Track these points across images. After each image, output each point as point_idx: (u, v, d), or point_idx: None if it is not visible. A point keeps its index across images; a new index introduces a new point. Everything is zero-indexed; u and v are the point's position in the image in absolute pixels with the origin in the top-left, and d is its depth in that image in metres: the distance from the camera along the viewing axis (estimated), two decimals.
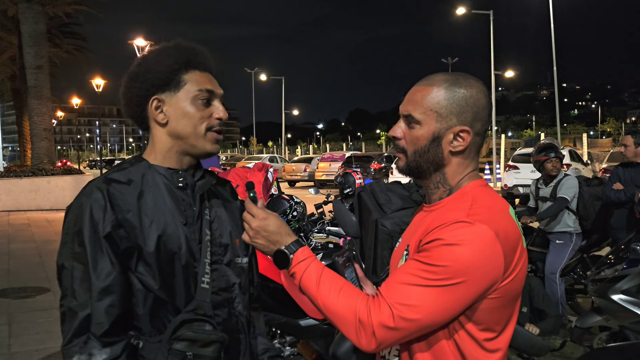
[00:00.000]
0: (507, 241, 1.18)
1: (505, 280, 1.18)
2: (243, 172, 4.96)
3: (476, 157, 1.33)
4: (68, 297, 1.30)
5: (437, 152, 1.28)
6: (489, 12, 25.49)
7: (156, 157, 1.45)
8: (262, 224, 1.30)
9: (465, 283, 1.14)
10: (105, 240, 1.30)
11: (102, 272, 1.29)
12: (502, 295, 1.20)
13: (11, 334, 5.06)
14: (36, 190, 16.16)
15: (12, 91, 29.32)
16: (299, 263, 1.26)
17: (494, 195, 1.29)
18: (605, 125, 59.15)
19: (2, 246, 9.80)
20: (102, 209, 1.32)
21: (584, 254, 5.44)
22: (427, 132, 1.27)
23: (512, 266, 1.19)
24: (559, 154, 5.16)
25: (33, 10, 17.65)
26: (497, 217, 1.21)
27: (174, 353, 1.31)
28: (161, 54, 1.43)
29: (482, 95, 1.28)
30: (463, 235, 1.15)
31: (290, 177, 26.14)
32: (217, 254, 1.46)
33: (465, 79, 1.29)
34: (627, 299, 3.65)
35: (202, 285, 1.40)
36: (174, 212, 1.40)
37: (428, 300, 1.14)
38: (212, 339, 1.34)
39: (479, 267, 1.14)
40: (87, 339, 1.28)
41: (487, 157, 27.09)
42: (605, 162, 16.38)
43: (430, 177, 1.32)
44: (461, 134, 1.26)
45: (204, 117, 1.42)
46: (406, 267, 1.21)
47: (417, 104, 1.28)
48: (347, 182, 6.03)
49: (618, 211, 4.99)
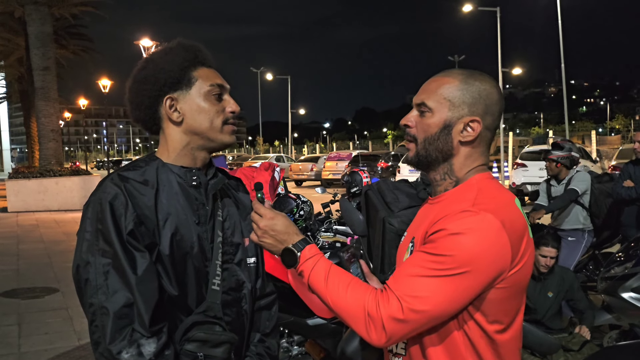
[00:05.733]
0: (514, 230, 1.18)
1: (512, 270, 1.18)
2: (250, 171, 4.96)
3: (486, 152, 1.34)
4: (97, 295, 1.27)
5: (446, 141, 1.29)
6: (495, 8, 25.38)
7: (169, 155, 1.45)
8: (270, 223, 1.31)
9: (472, 272, 1.14)
10: (129, 236, 1.30)
11: (136, 263, 1.28)
12: (509, 285, 1.19)
13: (21, 334, 5.08)
14: (44, 191, 16.24)
15: (20, 93, 29.49)
16: (307, 261, 1.27)
17: (499, 187, 1.30)
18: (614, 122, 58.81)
19: (11, 247, 9.85)
20: (124, 205, 1.31)
21: (596, 251, 5.40)
22: (439, 120, 1.29)
23: (520, 256, 1.20)
24: (555, 154, 5.12)
25: (40, 12, 17.73)
26: (503, 207, 1.21)
27: (185, 353, 1.32)
28: (168, 54, 1.44)
29: (495, 90, 1.31)
30: (468, 225, 1.15)
31: (297, 177, 26.14)
32: (229, 253, 1.47)
33: (481, 74, 1.33)
34: (638, 296, 3.62)
35: (213, 287, 1.40)
36: (187, 211, 1.41)
37: (436, 290, 1.14)
38: (222, 340, 1.35)
39: (486, 255, 1.14)
40: (132, 332, 1.25)
41: (495, 155, 26.97)
42: (614, 159, 16.30)
43: (438, 168, 1.32)
44: (471, 124, 1.28)
45: (219, 111, 1.44)
46: (413, 259, 1.22)
47: (431, 93, 1.31)
48: (354, 180, 6.02)
49: (628, 208, 4.95)
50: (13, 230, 12.13)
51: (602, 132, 49.97)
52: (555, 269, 4.25)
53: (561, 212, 5.17)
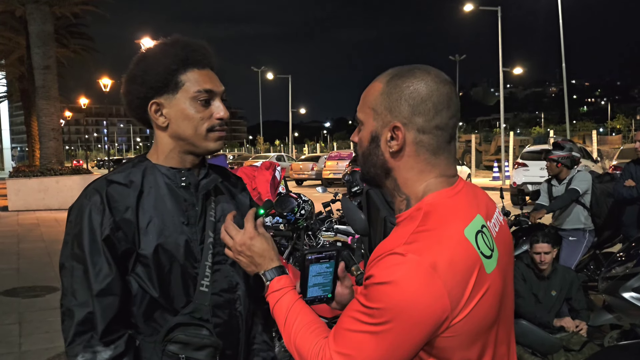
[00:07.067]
0: (452, 271, 1.00)
1: (458, 316, 1.01)
2: (250, 170, 4.96)
3: (436, 160, 1.12)
4: (68, 297, 1.32)
5: (377, 154, 1.14)
6: (496, 8, 25.33)
7: (159, 157, 1.44)
8: (249, 243, 1.28)
9: (402, 326, 0.99)
10: (104, 242, 1.31)
11: (100, 274, 1.30)
12: (457, 334, 1.03)
13: (21, 333, 5.08)
14: (45, 190, 16.25)
15: (21, 92, 29.49)
16: (273, 292, 1.24)
17: (453, 210, 1.08)
18: (614, 122, 58.81)
19: (12, 246, 9.86)
20: (101, 212, 1.32)
21: (597, 251, 5.40)
22: (367, 133, 1.15)
23: (466, 298, 1.01)
24: (555, 154, 5.12)
25: (40, 11, 17.73)
26: (442, 243, 1.02)
27: (168, 354, 1.33)
28: (158, 54, 1.40)
29: (422, 84, 1.09)
30: (394, 272, 1.00)
31: (298, 176, 26.13)
32: (221, 254, 1.44)
33: (410, 70, 1.12)
34: (639, 296, 3.61)
35: (201, 288, 1.39)
36: (174, 212, 1.40)
37: (366, 348, 1.02)
38: (205, 344, 1.34)
39: (414, 307, 0.98)
40: (91, 338, 1.29)
41: (495, 155, 26.95)
42: (615, 159, 16.26)
43: (386, 183, 1.17)
44: (395, 130, 1.10)
45: (204, 117, 1.40)
46: (351, 306, 1.09)
47: (361, 104, 1.17)
48: (355, 180, 6.00)
49: (629, 208, 4.95)
50: (14, 229, 12.14)
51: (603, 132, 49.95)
52: (558, 269, 4.27)
53: (562, 212, 5.17)
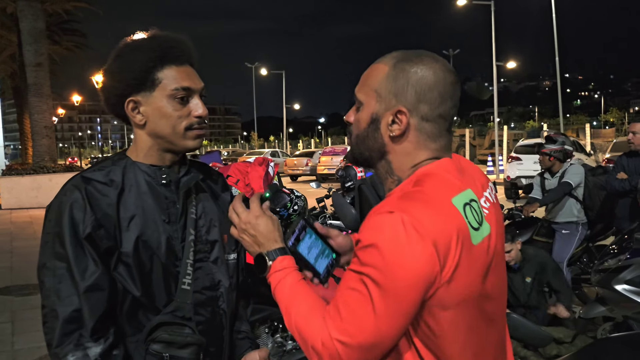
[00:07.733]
0: (439, 230, 1.00)
1: (445, 277, 1.01)
2: (244, 166, 4.94)
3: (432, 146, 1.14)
4: (51, 297, 1.29)
5: (376, 137, 1.15)
6: (489, 2, 25.33)
7: (138, 154, 1.42)
8: (254, 222, 1.24)
9: (394, 286, 0.99)
10: (86, 240, 1.29)
11: (87, 271, 1.28)
12: (451, 302, 1.03)
13: (14, 331, 5.07)
14: (38, 188, 16.16)
15: (13, 89, 29.35)
16: (275, 273, 1.20)
17: (447, 178, 1.10)
18: (608, 115, 59.07)
19: (5, 244, 9.82)
20: (82, 209, 1.30)
21: (590, 244, 5.42)
22: (367, 114, 1.15)
23: (451, 261, 1.01)
24: (548, 148, 5.14)
25: (32, 8, 17.61)
26: (430, 203, 1.03)
27: (151, 353, 1.31)
28: (135, 50, 1.37)
29: (430, 73, 1.11)
30: (381, 232, 1.00)
31: (292, 172, 26.12)
32: (203, 251, 1.43)
33: (418, 55, 1.13)
34: (631, 289, 3.63)
35: (183, 286, 1.38)
36: (154, 210, 1.38)
37: (364, 320, 1.01)
38: (188, 342, 1.33)
39: (404, 263, 0.98)
40: (80, 336, 1.26)
41: (489, 149, 27.01)
42: (608, 152, 16.32)
43: (377, 166, 1.18)
44: (399, 115, 1.11)
45: (182, 116, 1.37)
46: (343, 280, 1.08)
47: (362, 84, 1.17)
48: (349, 175, 6.00)
49: (622, 201, 4.96)
50: (6, 227, 12.08)
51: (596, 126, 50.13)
52: (528, 256, 4.34)
53: (555, 205, 5.19)
